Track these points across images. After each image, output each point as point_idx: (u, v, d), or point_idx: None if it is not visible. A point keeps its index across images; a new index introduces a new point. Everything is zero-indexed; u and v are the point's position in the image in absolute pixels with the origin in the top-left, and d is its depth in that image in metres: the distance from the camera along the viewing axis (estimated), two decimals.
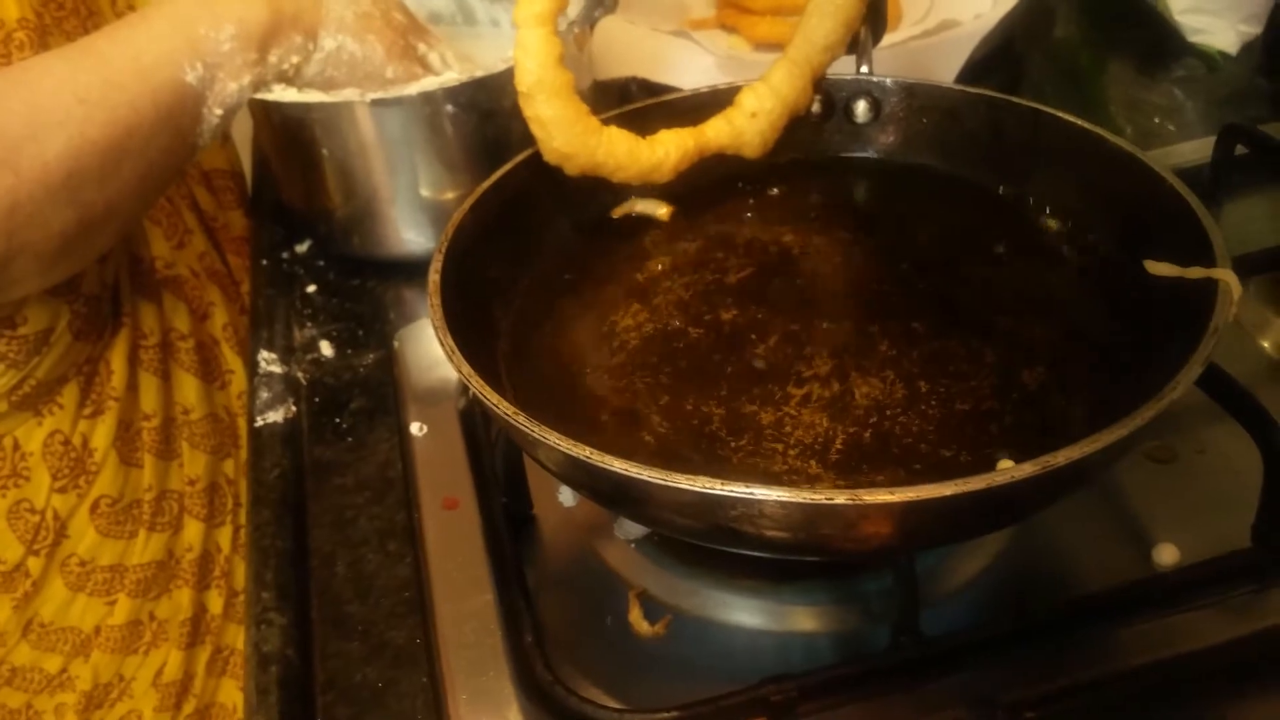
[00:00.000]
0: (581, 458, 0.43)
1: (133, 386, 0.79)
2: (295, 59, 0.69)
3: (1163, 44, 1.01)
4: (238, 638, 0.85)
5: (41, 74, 0.61)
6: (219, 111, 0.66)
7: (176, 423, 0.82)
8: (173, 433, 0.82)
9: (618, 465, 0.42)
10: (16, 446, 0.74)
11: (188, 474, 0.82)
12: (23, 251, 0.59)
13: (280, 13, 0.67)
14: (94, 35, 0.64)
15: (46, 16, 0.70)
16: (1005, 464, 0.46)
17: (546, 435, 0.44)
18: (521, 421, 0.45)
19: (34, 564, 0.76)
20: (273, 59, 0.68)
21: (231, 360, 0.88)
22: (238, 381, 0.88)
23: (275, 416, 0.69)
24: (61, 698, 0.78)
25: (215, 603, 0.84)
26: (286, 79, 0.70)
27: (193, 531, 0.82)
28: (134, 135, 0.62)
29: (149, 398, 0.80)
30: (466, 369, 0.48)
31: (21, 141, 0.57)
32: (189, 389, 0.83)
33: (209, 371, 0.85)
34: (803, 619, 0.54)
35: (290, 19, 0.68)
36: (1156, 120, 0.91)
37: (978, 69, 0.90)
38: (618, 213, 0.70)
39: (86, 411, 0.76)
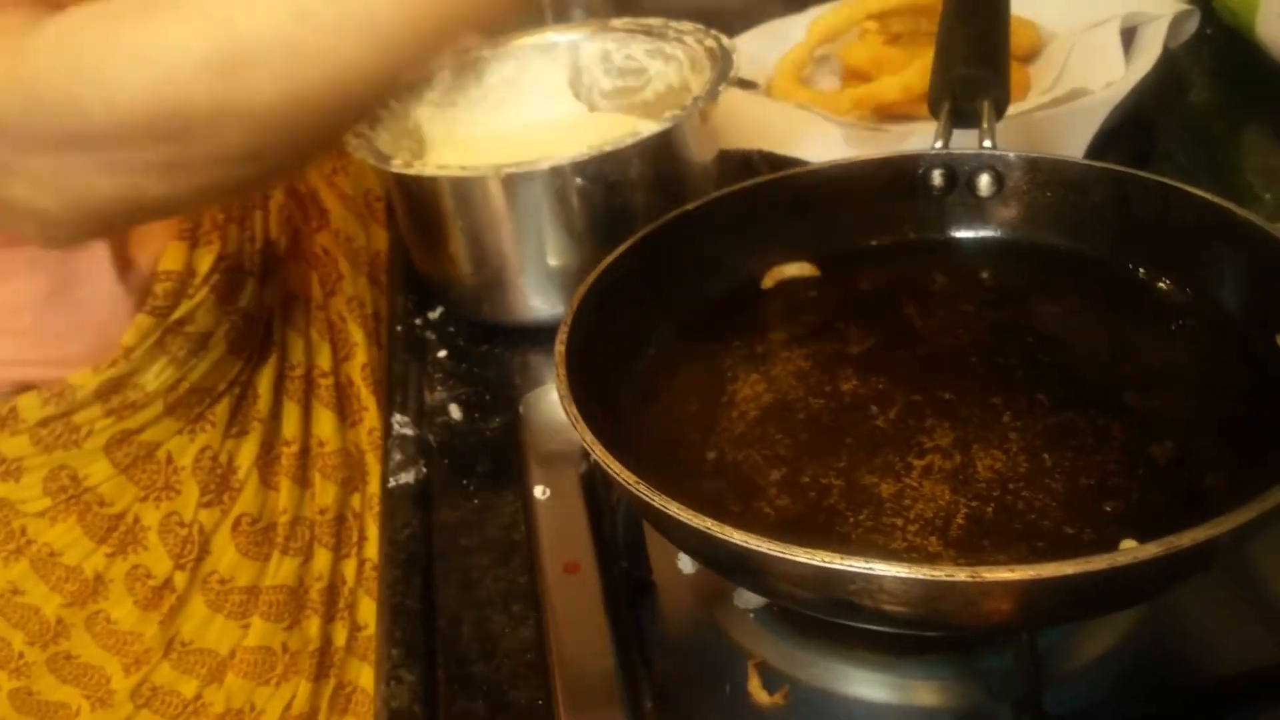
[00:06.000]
0: (702, 529, 0.44)
1: (276, 413, 0.84)
2: None
3: None
4: (359, 674, 0.87)
5: None
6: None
7: (312, 453, 0.86)
8: (308, 462, 0.86)
9: (737, 537, 0.43)
10: (170, 460, 0.79)
11: (319, 503, 0.86)
12: (235, 113, 0.52)
13: None
14: None
15: None
16: (1128, 544, 0.46)
17: (667, 505, 0.45)
18: (643, 491, 0.47)
19: (179, 578, 0.80)
20: None
21: (366, 399, 0.91)
22: (369, 419, 0.91)
23: (407, 477, 0.72)
24: None
25: (340, 635, 0.87)
26: None
27: (322, 560, 0.86)
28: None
29: (290, 424, 0.84)
30: (590, 437, 0.50)
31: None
32: (325, 423, 0.87)
33: (344, 409, 0.89)
34: (923, 693, 0.53)
35: None
36: None
37: (1107, 137, 0.89)
38: (768, 282, 0.71)
39: (234, 430, 0.81)
